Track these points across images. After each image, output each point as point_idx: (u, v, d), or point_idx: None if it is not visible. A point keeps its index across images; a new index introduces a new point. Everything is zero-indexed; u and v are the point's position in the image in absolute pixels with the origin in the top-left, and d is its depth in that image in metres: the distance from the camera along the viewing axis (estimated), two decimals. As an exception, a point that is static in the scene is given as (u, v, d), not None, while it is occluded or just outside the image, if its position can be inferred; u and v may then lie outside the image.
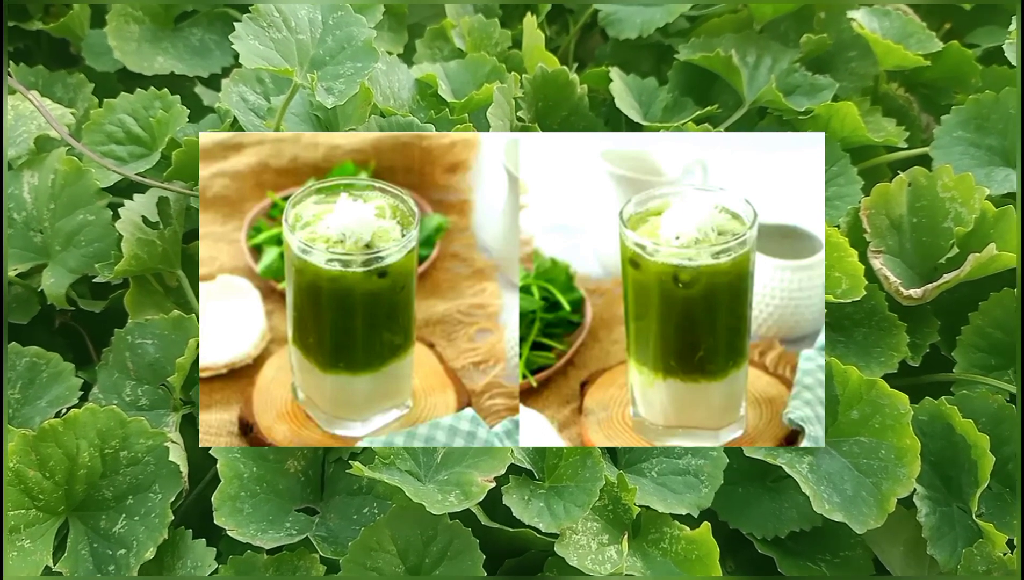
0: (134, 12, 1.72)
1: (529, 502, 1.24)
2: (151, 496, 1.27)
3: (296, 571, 1.23)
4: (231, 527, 1.21)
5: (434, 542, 1.22)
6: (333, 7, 1.36)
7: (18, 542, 1.22)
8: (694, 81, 1.83)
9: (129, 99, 1.52)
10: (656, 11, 1.86)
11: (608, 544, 1.25)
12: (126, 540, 1.25)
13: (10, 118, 1.53)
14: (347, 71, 1.33)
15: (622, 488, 1.26)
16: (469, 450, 1.25)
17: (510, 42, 1.80)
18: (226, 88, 1.53)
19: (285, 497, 1.31)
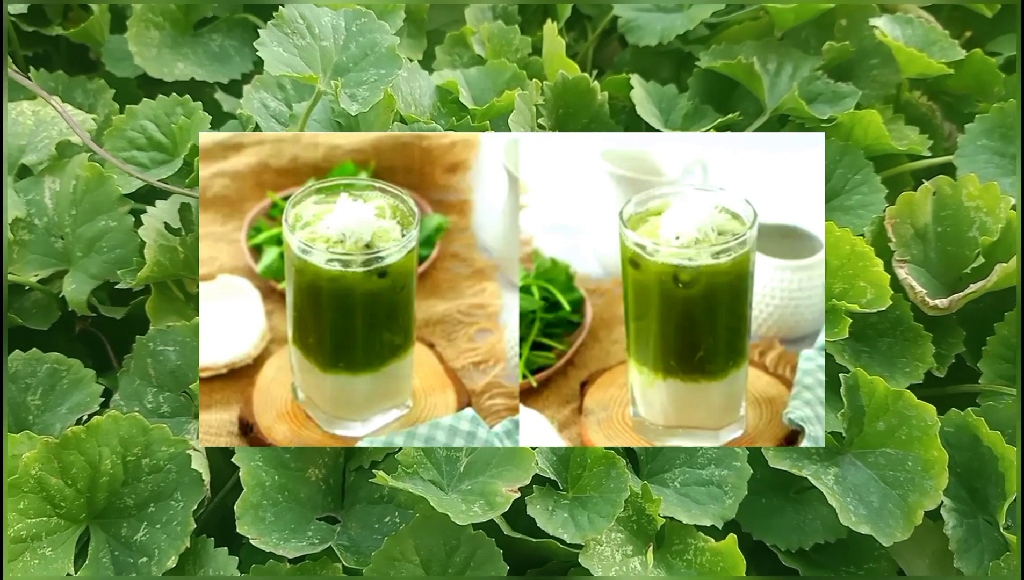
0: (154, 18, 1.72)
1: (553, 512, 1.23)
2: (172, 504, 1.26)
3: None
4: (254, 536, 1.21)
5: (457, 552, 1.21)
6: (356, 14, 1.36)
7: (39, 549, 1.21)
8: (714, 88, 1.82)
9: (151, 105, 1.52)
10: (676, 18, 1.86)
11: (632, 555, 1.24)
12: (147, 548, 1.24)
13: (31, 123, 1.53)
14: (370, 78, 1.32)
15: (646, 499, 1.25)
16: (492, 459, 1.24)
17: (530, 49, 1.80)
18: (247, 94, 1.53)
19: (306, 506, 1.30)
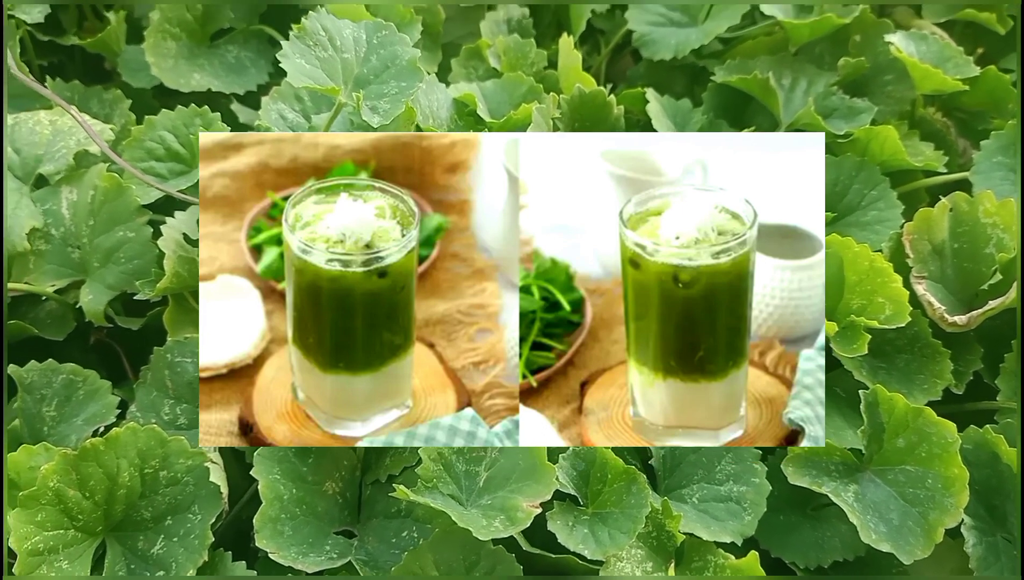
0: (171, 29, 1.72)
1: (573, 528, 1.22)
2: (190, 517, 1.25)
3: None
4: (273, 550, 1.20)
5: (477, 567, 1.21)
6: (377, 26, 1.36)
7: (56, 563, 1.20)
8: (729, 103, 1.83)
9: (169, 116, 1.52)
10: (691, 32, 1.86)
11: (652, 572, 1.24)
12: (164, 562, 1.23)
13: (48, 133, 1.52)
14: (391, 90, 1.32)
15: (666, 515, 1.25)
16: (512, 474, 1.24)
17: (545, 62, 1.80)
18: (265, 105, 1.53)
19: (324, 519, 1.30)
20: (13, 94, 1.66)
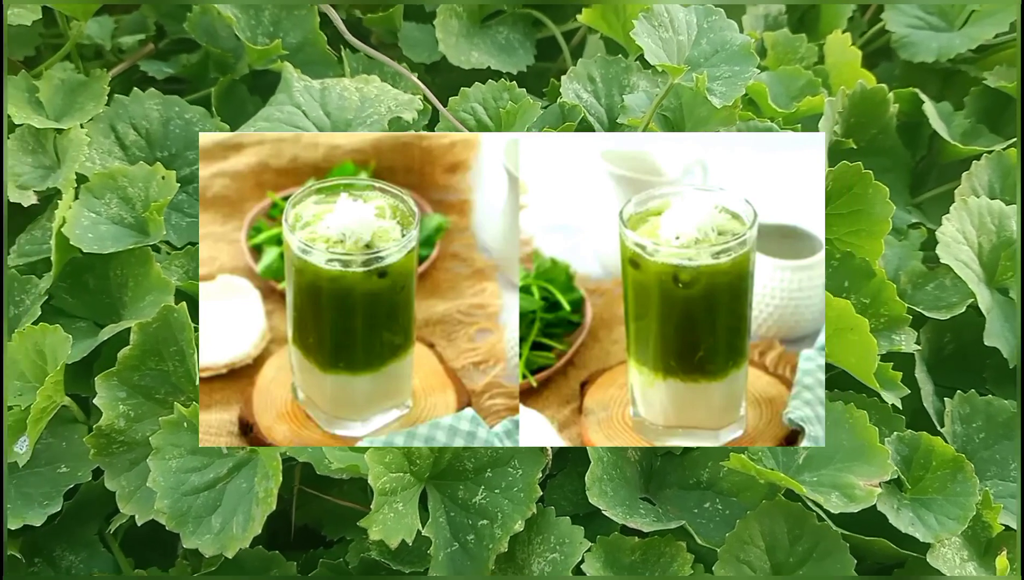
0: (456, 8, 1.78)
1: (899, 511, 1.25)
2: (510, 471, 1.28)
3: (661, 557, 1.25)
4: (604, 507, 1.24)
5: (800, 541, 1.24)
6: (708, 11, 1.40)
7: (393, 503, 1.25)
8: (990, 108, 1.83)
9: (481, 89, 1.58)
10: (955, 37, 1.86)
11: (968, 560, 1.26)
12: (488, 511, 1.27)
13: (356, 100, 1.59)
14: (724, 73, 1.36)
15: (985, 505, 1.27)
16: (835, 455, 1.26)
17: (815, 57, 1.82)
18: (564, 84, 1.57)
19: (632, 485, 1.33)
20: (307, 61, 1.73)
